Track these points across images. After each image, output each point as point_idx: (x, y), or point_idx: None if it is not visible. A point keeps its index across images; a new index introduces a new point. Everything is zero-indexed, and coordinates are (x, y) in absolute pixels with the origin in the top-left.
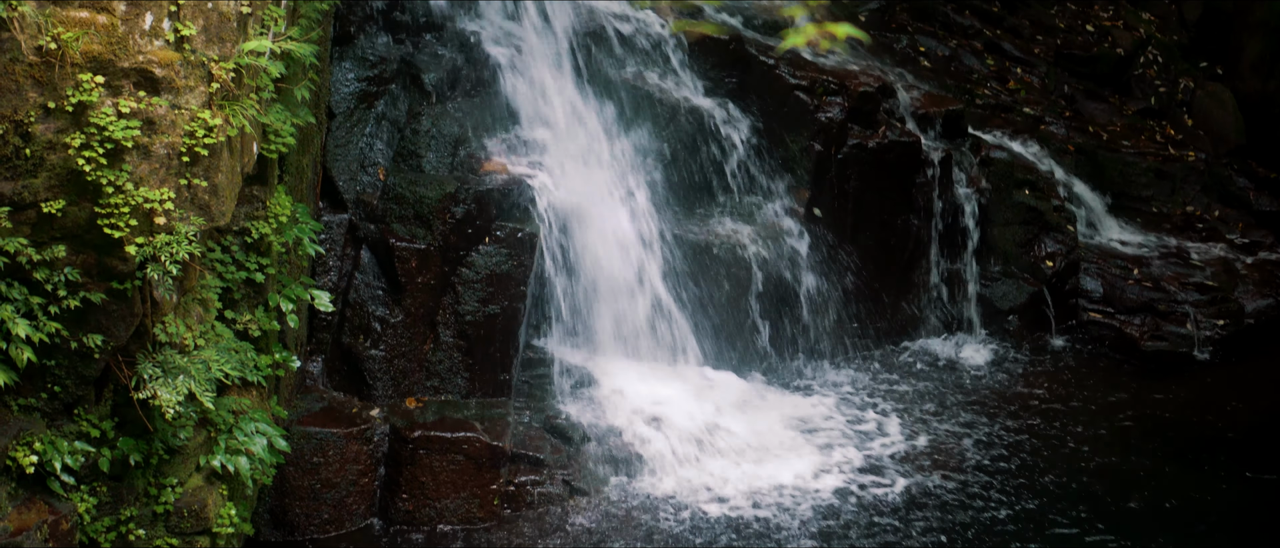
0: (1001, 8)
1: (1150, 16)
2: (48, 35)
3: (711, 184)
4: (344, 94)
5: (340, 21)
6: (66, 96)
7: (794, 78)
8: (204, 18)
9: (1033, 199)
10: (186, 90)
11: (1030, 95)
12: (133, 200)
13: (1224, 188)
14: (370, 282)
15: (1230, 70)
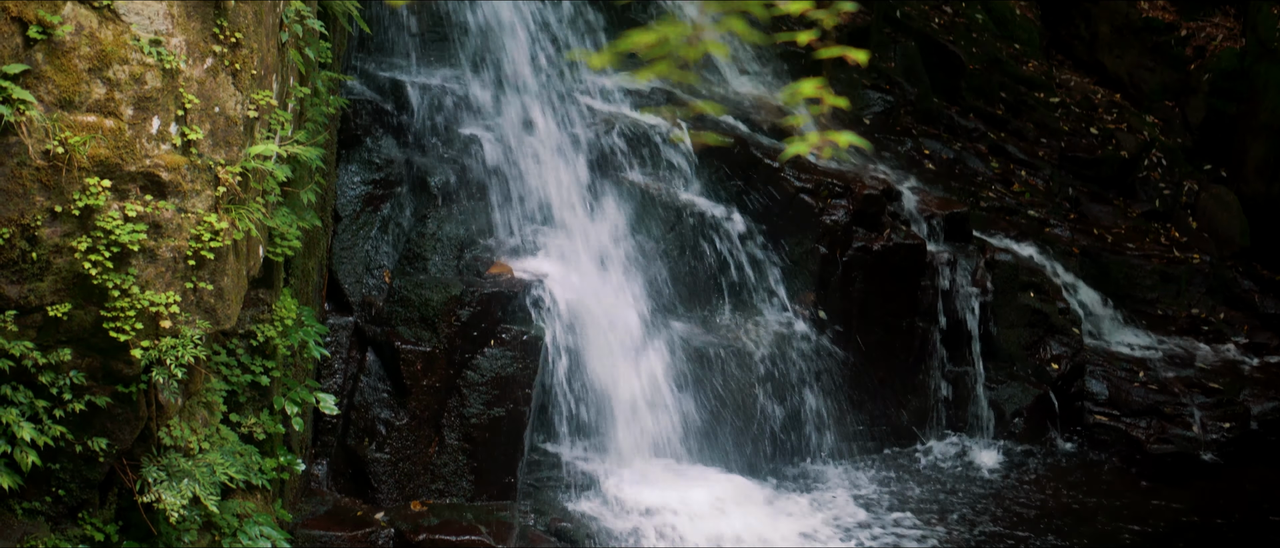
0: (1006, 111)
1: (1154, 119)
2: (55, 139)
3: (717, 286)
4: (350, 197)
5: (347, 124)
6: (73, 200)
7: (799, 180)
8: (211, 122)
9: (1038, 301)
10: (193, 194)
11: (1035, 198)
12: (139, 304)
13: (1229, 290)
14: (375, 384)
15: (1234, 173)
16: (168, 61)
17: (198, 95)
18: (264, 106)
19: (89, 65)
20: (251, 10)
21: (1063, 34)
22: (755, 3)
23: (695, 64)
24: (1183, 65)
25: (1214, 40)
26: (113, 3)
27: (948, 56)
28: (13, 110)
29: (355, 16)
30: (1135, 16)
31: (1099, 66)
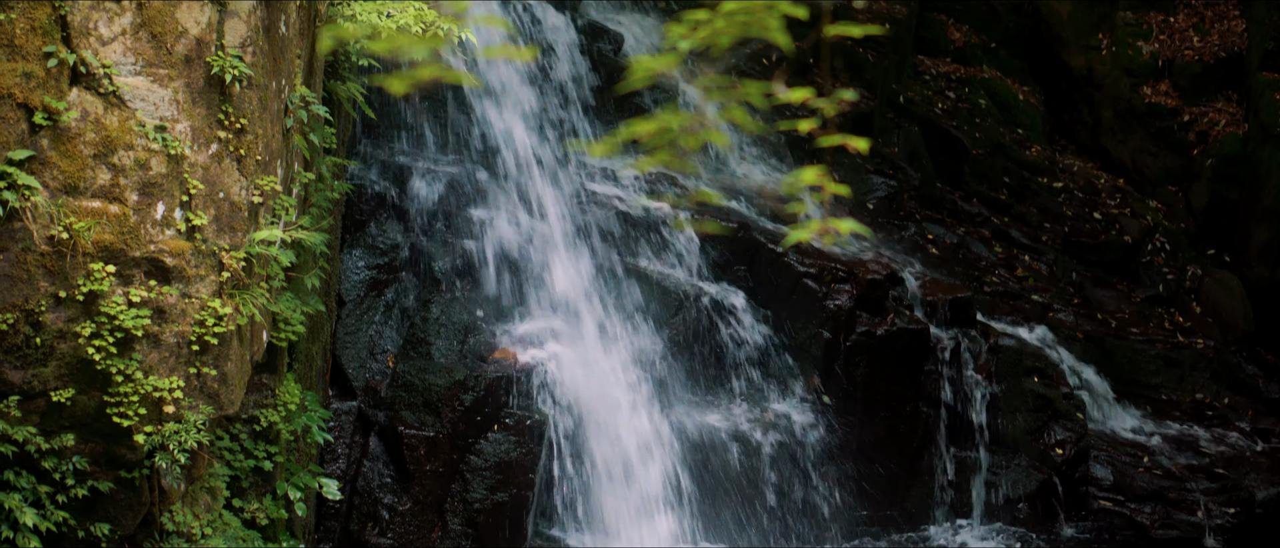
0: (1009, 196)
1: (1157, 204)
2: (60, 225)
3: (721, 371)
4: (354, 282)
5: (351, 209)
6: (77, 286)
7: (802, 265)
8: (215, 207)
9: (1042, 386)
10: (197, 279)
11: (1038, 282)
12: (142, 389)
13: (1233, 375)
14: (379, 469)
15: (1238, 258)
16: (173, 147)
17: (202, 181)
18: (268, 192)
19: (94, 151)
20: (256, 96)
21: (1066, 119)
22: (755, 92)
23: (696, 153)
24: (1186, 150)
25: (1217, 126)
26: (118, 89)
27: (951, 141)
28: (18, 196)
29: (360, 102)
30: (1138, 102)
31: (1102, 151)
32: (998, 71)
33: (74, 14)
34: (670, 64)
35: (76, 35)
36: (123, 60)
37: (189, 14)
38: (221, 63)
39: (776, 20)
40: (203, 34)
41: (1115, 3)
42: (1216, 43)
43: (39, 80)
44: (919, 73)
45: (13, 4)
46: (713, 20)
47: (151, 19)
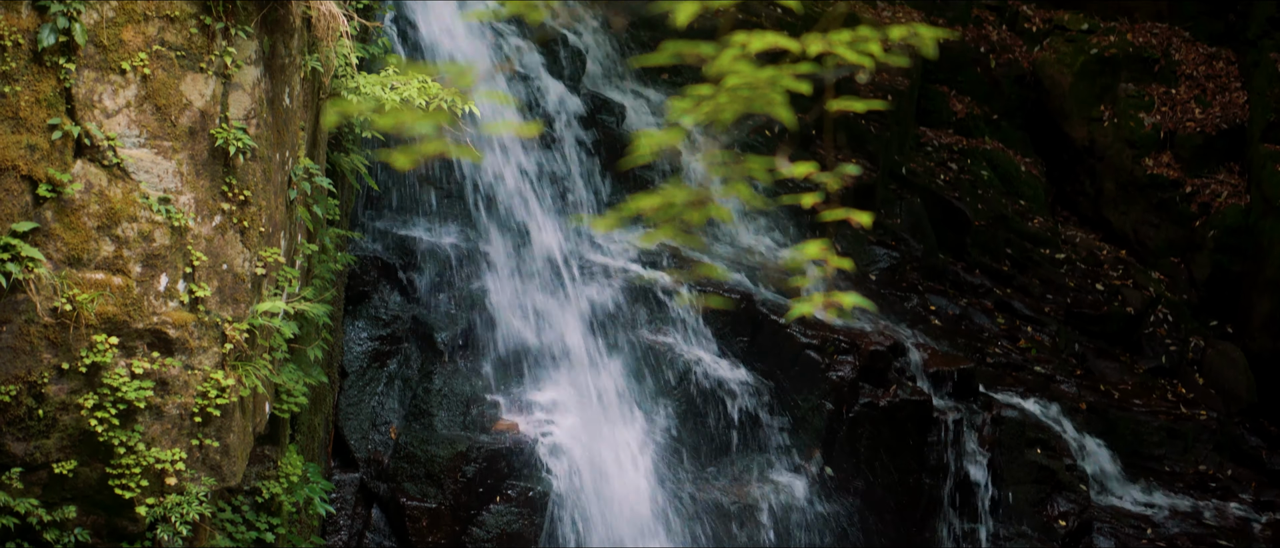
0: (1011, 267)
1: (1160, 276)
2: (63, 297)
3: (725, 441)
4: (356, 353)
5: (354, 281)
6: (80, 357)
7: (805, 336)
8: (219, 279)
9: (1045, 458)
10: (200, 351)
11: (1041, 354)
12: (144, 461)
13: (1236, 447)
14: (381, 541)
15: (1240, 329)
16: (176, 219)
17: (206, 253)
18: (272, 263)
19: (98, 223)
20: (260, 168)
21: (1068, 190)
22: (759, 168)
23: (700, 226)
24: (1188, 222)
25: (1219, 197)
26: (122, 161)
27: (953, 213)
28: (21, 268)
29: (363, 174)
30: (1140, 173)
31: (1104, 223)
32: (1000, 143)
33: (79, 86)
34: (674, 139)
35: (81, 107)
36: (127, 132)
37: (193, 86)
38: (225, 135)
39: (779, 95)
40: (207, 106)
41: (1117, 75)
42: (1218, 114)
43: (43, 152)
44: (921, 144)
45: (18, 76)
46: (716, 95)
47: (156, 91)
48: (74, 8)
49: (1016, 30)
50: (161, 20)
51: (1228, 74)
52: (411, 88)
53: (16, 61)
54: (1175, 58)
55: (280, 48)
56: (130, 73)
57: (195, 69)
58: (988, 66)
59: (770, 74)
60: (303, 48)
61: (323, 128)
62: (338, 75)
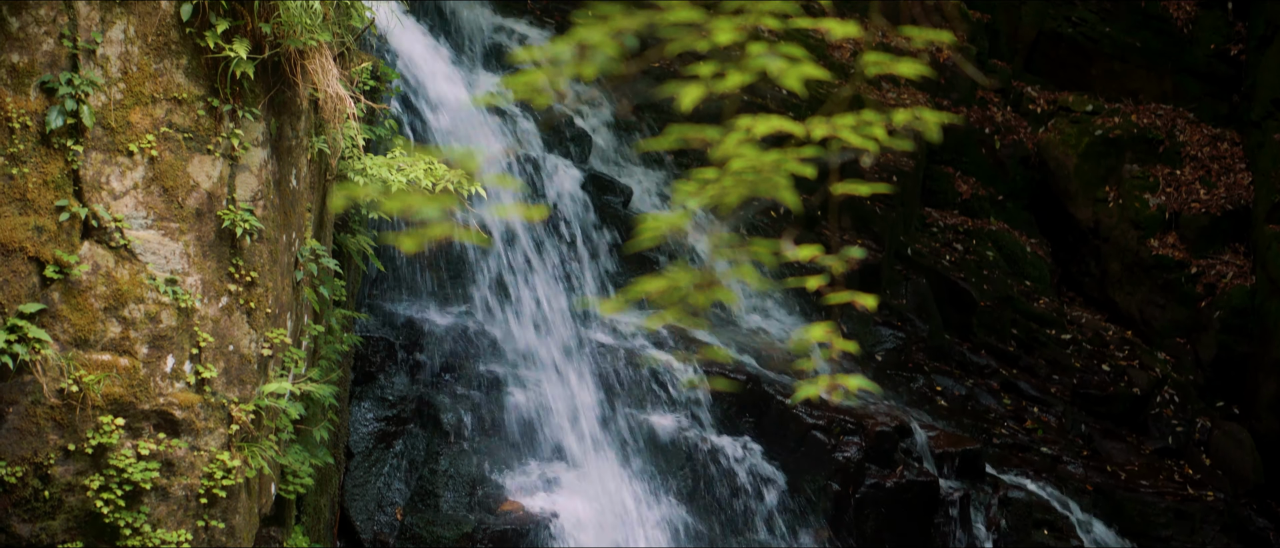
0: (1017, 347)
1: (1166, 356)
2: (70, 378)
3: (730, 522)
4: (363, 433)
5: (360, 362)
6: (87, 439)
7: (811, 417)
8: (225, 360)
9: (1052, 539)
10: (206, 432)
11: (1048, 435)
12: (150, 543)
13: (1244, 528)
14: None
15: (1247, 410)
16: (183, 300)
17: (212, 334)
18: (278, 344)
19: (105, 304)
20: (267, 249)
21: (1073, 271)
22: (765, 251)
23: (705, 309)
24: (1193, 302)
25: (1224, 278)
26: (129, 243)
27: (959, 293)
28: (28, 350)
29: (370, 255)
30: (1145, 254)
31: (1110, 303)
32: (1005, 224)
33: (86, 168)
34: (680, 222)
35: (88, 189)
36: (134, 214)
37: (200, 168)
38: (233, 216)
39: (784, 179)
40: (214, 188)
41: (1121, 156)
42: (1223, 195)
43: (51, 234)
44: (927, 225)
45: (25, 158)
46: (721, 178)
47: (163, 173)
48: (82, 90)
49: (1021, 111)
50: (169, 102)
51: (1232, 155)
52: (418, 169)
53: (24, 143)
54: (1180, 139)
55: (287, 129)
56: (138, 154)
57: (202, 151)
58: (992, 147)
59: (775, 157)
60: (309, 129)
61: (329, 209)
62: (344, 157)
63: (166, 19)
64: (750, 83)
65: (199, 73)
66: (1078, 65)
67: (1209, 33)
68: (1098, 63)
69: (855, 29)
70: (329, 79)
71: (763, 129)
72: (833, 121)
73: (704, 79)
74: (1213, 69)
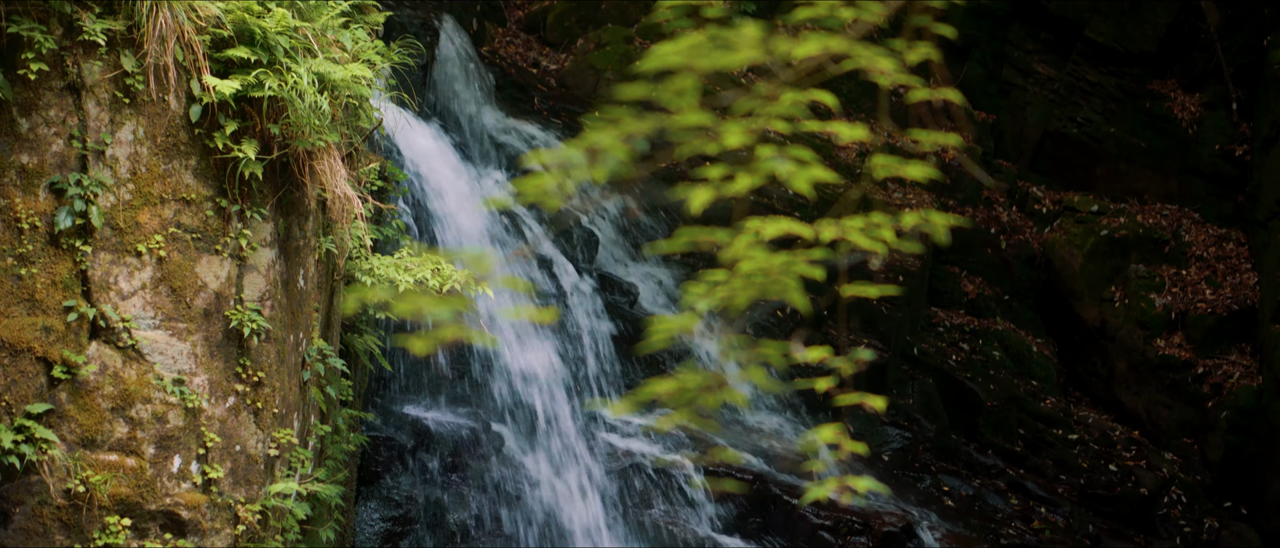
0: (1024, 447)
1: (1173, 457)
2: (77, 478)
3: None
4: (369, 534)
5: (366, 462)
6: (93, 539)
7: (817, 517)
8: (231, 460)
9: None
10: (213, 532)
11: (1055, 535)
12: None
13: None
14: None
15: (1255, 510)
16: (190, 401)
17: (219, 434)
18: (285, 445)
19: (112, 405)
20: (274, 350)
21: (1080, 371)
22: (774, 353)
23: (714, 411)
24: (1200, 402)
25: (1231, 378)
26: (137, 343)
27: (966, 393)
28: (35, 450)
29: (377, 355)
30: (1152, 354)
31: (1117, 404)
32: (1011, 324)
33: (95, 268)
34: (689, 325)
35: (97, 289)
36: (142, 314)
37: (208, 268)
38: (240, 317)
39: (793, 281)
40: (222, 288)
41: (1127, 256)
42: (1228, 295)
43: (59, 334)
44: (933, 325)
45: (34, 259)
46: (730, 280)
47: (171, 273)
48: (91, 191)
49: (1027, 211)
50: (177, 203)
51: (1237, 255)
52: (425, 269)
53: (33, 243)
54: (1185, 239)
55: (295, 230)
56: (146, 255)
57: (210, 251)
58: (998, 247)
59: (784, 260)
60: (317, 230)
61: (337, 309)
62: (352, 257)
63: (176, 120)
64: (759, 185)
65: (207, 173)
66: (1083, 165)
67: (1213, 133)
68: (1103, 163)
69: (863, 132)
70: (337, 179)
71: (772, 231)
72: (841, 224)
73: (713, 182)
74: (1218, 169)
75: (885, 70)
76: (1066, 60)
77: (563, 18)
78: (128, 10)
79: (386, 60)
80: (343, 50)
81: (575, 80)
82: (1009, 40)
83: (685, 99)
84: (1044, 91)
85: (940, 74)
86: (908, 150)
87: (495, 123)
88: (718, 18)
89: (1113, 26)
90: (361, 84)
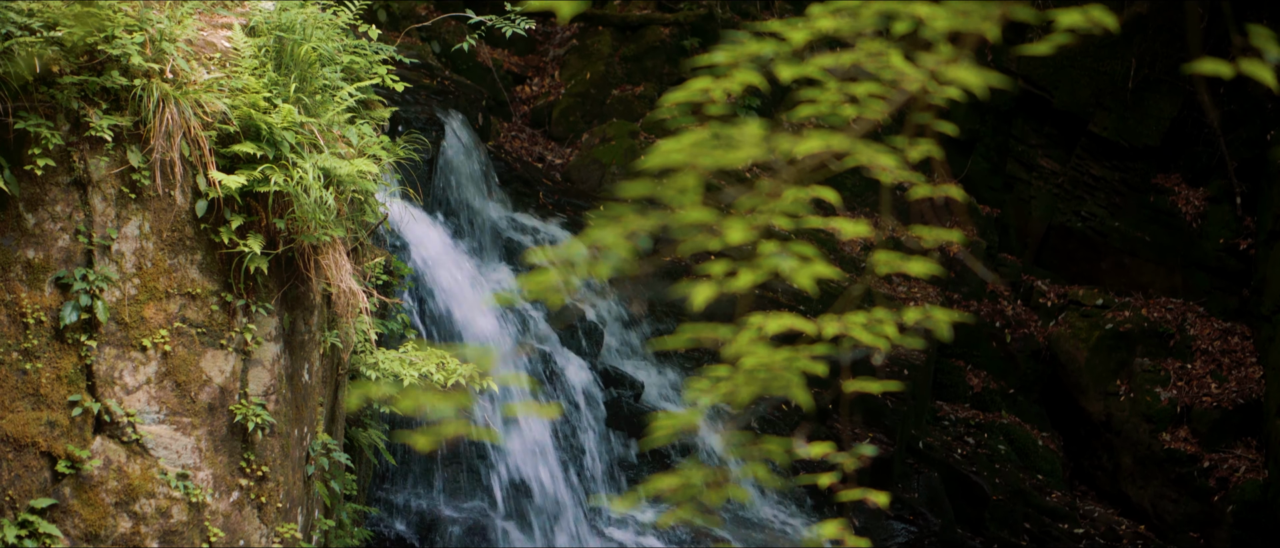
0: (1030, 542)
1: None
2: None
3: None
4: None
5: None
6: None
7: None
8: None
9: None
10: None
11: None
12: None
13: None
14: None
15: None
16: (194, 495)
17: (223, 528)
18: (289, 539)
19: (116, 499)
20: (279, 444)
21: (1085, 465)
22: (777, 449)
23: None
24: (1206, 497)
25: (1237, 472)
26: (141, 438)
27: (971, 487)
28: (39, 545)
29: (381, 449)
30: (1157, 448)
31: (1123, 497)
32: (1017, 417)
33: (100, 363)
34: (691, 421)
35: (101, 384)
36: (147, 409)
37: (213, 363)
38: (245, 411)
39: (796, 377)
40: (227, 383)
41: (1132, 350)
42: (1234, 390)
43: (63, 429)
44: (938, 418)
45: (39, 353)
46: (733, 376)
47: (176, 368)
48: (97, 286)
49: (1031, 305)
50: (183, 298)
51: (1243, 349)
52: (430, 364)
53: (38, 338)
54: (1190, 333)
55: (300, 324)
56: (151, 349)
57: (215, 345)
58: (1003, 341)
59: (786, 355)
60: (322, 324)
61: (341, 403)
62: (357, 351)
63: (181, 215)
64: (763, 280)
65: (213, 268)
66: (1088, 259)
67: (1218, 227)
68: (1108, 257)
69: (865, 228)
70: (342, 274)
71: (774, 327)
72: (844, 319)
73: (716, 278)
74: (1222, 263)
75: (887, 167)
76: (1071, 154)
77: (568, 112)
78: (134, 106)
79: (392, 155)
80: (348, 145)
81: (580, 174)
82: (1013, 135)
83: (687, 196)
84: (1048, 185)
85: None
86: (910, 246)
87: (501, 217)
88: (721, 115)
89: (1116, 121)
90: (367, 179)
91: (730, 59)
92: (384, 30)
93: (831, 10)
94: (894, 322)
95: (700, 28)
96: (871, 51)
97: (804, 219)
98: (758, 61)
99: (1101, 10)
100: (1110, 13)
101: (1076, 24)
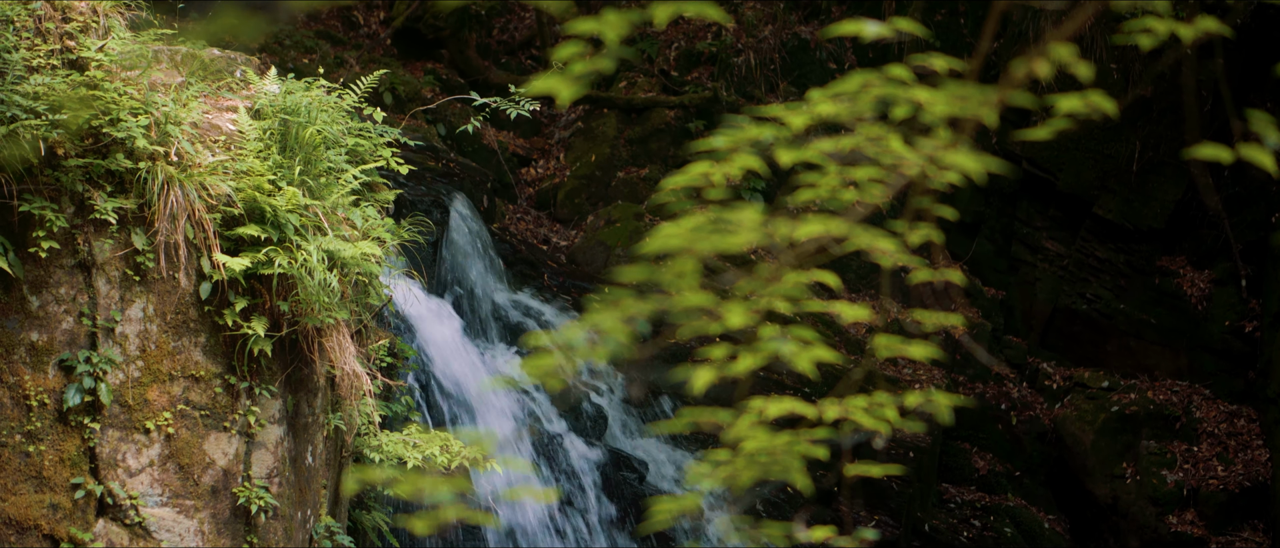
0: None
1: None
2: None
3: None
4: None
5: None
6: None
7: None
8: None
9: None
10: None
11: None
12: None
13: None
14: None
15: None
16: None
17: None
18: None
19: None
20: (282, 527)
21: (1092, 547)
22: (777, 534)
23: None
24: None
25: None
26: (144, 520)
27: None
28: None
29: (385, 532)
30: (1164, 531)
31: None
32: (1022, 500)
33: (103, 446)
34: (693, 504)
35: (104, 467)
36: (149, 491)
37: (216, 445)
38: (248, 494)
39: (796, 461)
40: (230, 465)
41: (1138, 432)
42: (1241, 472)
43: (66, 512)
44: (944, 501)
45: (42, 436)
46: (734, 460)
47: (179, 450)
48: (100, 368)
49: (1037, 388)
50: (186, 380)
51: (1249, 432)
52: (433, 447)
53: (42, 421)
54: (1196, 415)
55: (304, 407)
56: (154, 432)
57: (219, 428)
58: (1009, 423)
59: (787, 439)
60: (326, 406)
61: (344, 485)
62: (360, 433)
63: (185, 297)
64: (763, 364)
65: (217, 350)
66: (1093, 341)
67: (1223, 310)
68: (1113, 339)
69: (866, 312)
70: (346, 357)
71: (775, 411)
72: (845, 403)
73: (716, 362)
74: (1228, 346)
75: (887, 251)
76: (1075, 237)
77: (573, 195)
78: (139, 189)
79: (396, 237)
80: (353, 227)
81: (585, 256)
82: (1018, 217)
83: (685, 280)
84: (1053, 268)
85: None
86: (911, 330)
87: (505, 299)
88: (721, 199)
89: (1121, 203)
90: (371, 261)
91: (730, 144)
92: (389, 112)
93: (831, 95)
94: (895, 405)
95: (705, 110)
96: (871, 136)
97: (804, 303)
98: (758, 146)
99: (1100, 96)
100: (1110, 98)
101: (1076, 109)
